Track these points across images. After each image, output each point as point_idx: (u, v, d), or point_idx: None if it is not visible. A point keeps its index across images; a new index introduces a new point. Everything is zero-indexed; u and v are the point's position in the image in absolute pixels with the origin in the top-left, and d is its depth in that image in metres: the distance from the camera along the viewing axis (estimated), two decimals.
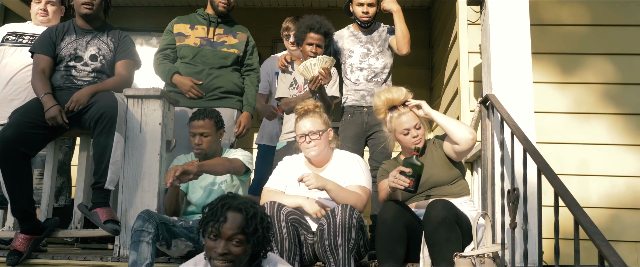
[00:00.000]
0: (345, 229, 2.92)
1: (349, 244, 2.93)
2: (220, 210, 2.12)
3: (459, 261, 2.84)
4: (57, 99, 3.45)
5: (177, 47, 4.09)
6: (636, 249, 4.25)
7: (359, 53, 4.26)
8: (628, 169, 4.34)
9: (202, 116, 3.48)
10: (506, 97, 3.38)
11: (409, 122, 3.32)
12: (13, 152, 3.26)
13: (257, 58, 4.23)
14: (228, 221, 2.11)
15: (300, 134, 3.32)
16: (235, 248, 2.10)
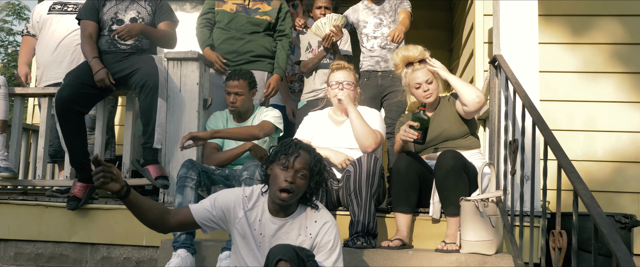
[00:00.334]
0: (370, 176, 3.29)
1: (371, 189, 3.30)
2: (294, 146, 2.49)
3: (464, 205, 3.20)
4: (104, 62, 3.83)
5: (216, 11, 4.42)
6: (638, 199, 4.54)
7: (372, 23, 4.62)
8: (633, 125, 4.60)
9: (237, 77, 3.81)
10: (513, 57, 3.67)
11: (421, 77, 3.63)
12: (69, 110, 3.68)
13: (289, 24, 4.54)
14: (300, 156, 2.47)
15: (336, 81, 3.66)
16: (299, 180, 2.45)
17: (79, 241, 3.86)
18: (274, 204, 2.52)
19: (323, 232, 2.50)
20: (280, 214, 2.54)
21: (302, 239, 2.50)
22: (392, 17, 4.59)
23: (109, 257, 3.83)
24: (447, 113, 3.69)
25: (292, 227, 2.53)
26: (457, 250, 3.22)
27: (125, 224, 3.80)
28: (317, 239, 2.50)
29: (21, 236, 3.91)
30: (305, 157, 2.49)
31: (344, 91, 3.60)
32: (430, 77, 3.63)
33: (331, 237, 2.51)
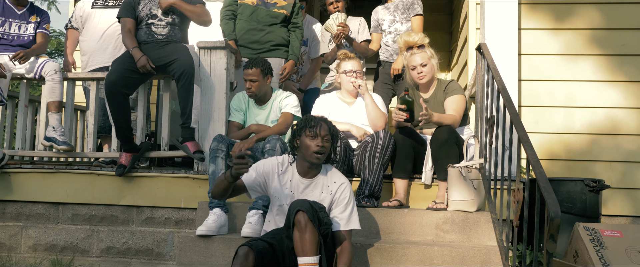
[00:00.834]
0: (384, 147, 3.96)
1: (383, 159, 3.97)
2: (316, 119, 3.19)
3: (450, 170, 3.84)
4: (143, 51, 4.46)
5: (238, 4, 5.04)
6: (610, 167, 5.15)
7: (387, 20, 5.33)
8: (607, 101, 5.19)
9: (251, 66, 4.32)
10: (495, 43, 4.30)
11: (418, 60, 4.22)
12: (116, 92, 4.34)
13: (301, 17, 5.16)
14: (323, 126, 3.16)
15: (349, 69, 4.32)
16: (326, 143, 3.15)
17: (126, 204, 4.55)
18: (303, 167, 3.21)
19: (341, 190, 3.18)
20: (307, 175, 3.23)
21: (324, 195, 3.17)
22: (404, 15, 5.25)
23: (152, 218, 4.52)
24: (441, 100, 4.26)
25: (316, 186, 3.20)
26: (445, 208, 3.87)
27: (166, 189, 4.48)
28: (336, 195, 3.17)
29: (77, 200, 4.60)
30: (326, 126, 3.19)
31: (359, 80, 4.27)
32: (425, 61, 4.22)
33: (347, 195, 3.19)
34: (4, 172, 4.65)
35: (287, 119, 4.28)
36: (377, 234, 3.77)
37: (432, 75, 4.30)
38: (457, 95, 4.12)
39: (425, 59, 4.25)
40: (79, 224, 4.60)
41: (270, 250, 2.93)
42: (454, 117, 4.06)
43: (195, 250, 3.63)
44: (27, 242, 4.63)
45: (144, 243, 4.50)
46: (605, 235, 3.69)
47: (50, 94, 4.68)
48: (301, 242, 2.83)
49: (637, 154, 5.12)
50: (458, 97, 4.11)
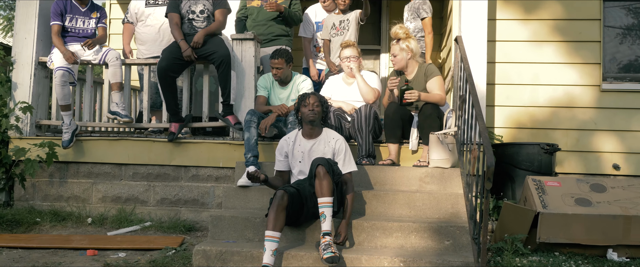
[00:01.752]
0: (367, 118, 5.10)
1: (369, 127, 5.12)
2: (304, 95, 4.44)
3: (431, 136, 4.99)
4: (187, 41, 5.57)
5: (247, 8, 6.30)
6: (567, 134, 6.29)
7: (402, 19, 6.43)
8: (566, 79, 6.31)
9: (277, 56, 5.43)
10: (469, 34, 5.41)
11: (393, 50, 5.32)
12: (166, 75, 5.47)
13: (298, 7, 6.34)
14: (311, 96, 4.40)
15: (346, 56, 5.45)
16: (317, 107, 4.38)
17: (176, 164, 5.72)
18: (306, 130, 4.47)
19: (338, 144, 4.40)
20: (311, 137, 4.46)
21: (327, 149, 4.37)
22: (413, 15, 6.37)
23: (197, 175, 5.69)
24: (422, 80, 5.34)
25: (319, 143, 4.40)
26: (427, 165, 5.03)
27: (208, 152, 5.64)
28: (335, 147, 4.39)
29: (136, 161, 5.77)
30: (314, 97, 4.45)
31: (352, 63, 5.39)
32: (396, 52, 5.30)
33: (343, 146, 4.41)
34: (77, 140, 5.83)
35: None
36: (375, 185, 4.94)
37: (404, 63, 5.33)
38: (436, 77, 5.20)
39: (397, 51, 5.33)
40: (139, 181, 5.79)
41: (297, 194, 4.10)
42: (441, 96, 5.16)
43: (236, 197, 4.81)
44: (97, 195, 5.82)
45: (191, 195, 5.69)
46: (548, 185, 4.86)
47: (113, 76, 5.82)
48: (320, 187, 4.00)
49: (589, 123, 6.26)
50: (437, 79, 5.21)
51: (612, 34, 6.40)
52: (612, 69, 6.38)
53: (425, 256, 3.96)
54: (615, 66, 6.40)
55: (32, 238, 4.98)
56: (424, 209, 4.57)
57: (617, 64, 6.40)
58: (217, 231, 4.43)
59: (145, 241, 4.90)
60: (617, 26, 6.45)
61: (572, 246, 4.59)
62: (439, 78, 5.22)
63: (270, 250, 3.83)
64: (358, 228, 4.27)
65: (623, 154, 6.19)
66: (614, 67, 6.39)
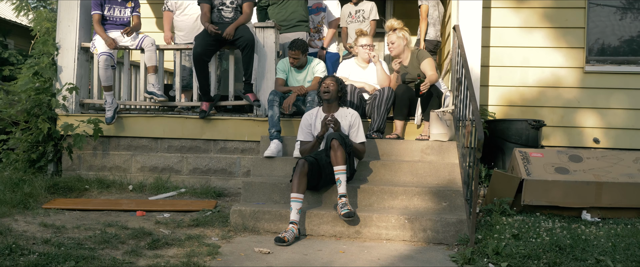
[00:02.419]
0: (387, 98, 5.87)
1: (387, 106, 5.88)
2: (325, 77, 5.22)
3: (431, 114, 5.75)
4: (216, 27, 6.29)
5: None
6: (553, 111, 7.03)
7: None
8: (552, 62, 7.04)
9: (294, 47, 6.20)
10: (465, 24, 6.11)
11: (391, 39, 6.05)
12: (201, 60, 6.20)
13: None
14: (328, 77, 5.20)
15: (364, 44, 6.19)
16: (331, 87, 5.16)
17: (206, 138, 6.48)
18: (325, 107, 5.26)
19: (353, 118, 5.18)
20: (329, 112, 5.20)
21: (344, 122, 5.16)
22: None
23: (225, 148, 6.45)
24: (416, 64, 6.06)
25: (337, 117, 5.15)
26: (428, 139, 5.80)
27: (234, 128, 6.40)
28: (351, 120, 5.17)
29: (171, 135, 6.53)
30: (329, 78, 5.25)
31: (372, 52, 6.12)
32: (394, 40, 6.02)
33: (358, 120, 5.21)
34: (118, 117, 6.58)
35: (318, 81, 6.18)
36: (382, 156, 5.70)
37: (401, 49, 6.06)
38: (428, 59, 5.94)
39: (394, 38, 6.06)
40: (173, 153, 6.55)
41: (315, 163, 4.86)
42: (435, 75, 5.91)
43: (263, 166, 5.58)
44: (136, 165, 6.60)
45: (219, 165, 6.46)
46: (532, 156, 5.62)
47: (149, 60, 6.55)
48: (335, 157, 4.76)
49: (573, 101, 6.99)
50: (429, 60, 5.94)
51: (596, 21, 7.10)
52: (594, 52, 7.09)
53: (426, 215, 4.74)
54: (597, 50, 7.10)
55: (87, 202, 5.76)
56: (425, 176, 5.34)
57: (599, 48, 7.10)
58: (249, 194, 5.20)
59: (184, 204, 5.67)
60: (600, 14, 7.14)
61: (551, 208, 5.35)
62: (430, 60, 5.94)
63: (295, 209, 4.61)
64: (369, 192, 5.04)
65: (603, 129, 6.93)
66: (597, 51, 7.10)
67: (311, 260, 4.07)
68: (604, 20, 7.08)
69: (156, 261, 3.85)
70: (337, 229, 4.73)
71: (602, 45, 7.09)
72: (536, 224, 4.93)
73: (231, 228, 4.84)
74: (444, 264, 4.07)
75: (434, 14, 7.27)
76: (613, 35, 7.09)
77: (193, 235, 4.60)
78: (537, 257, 4.03)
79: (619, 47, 7.06)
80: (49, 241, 4.13)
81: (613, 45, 7.08)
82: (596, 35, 7.09)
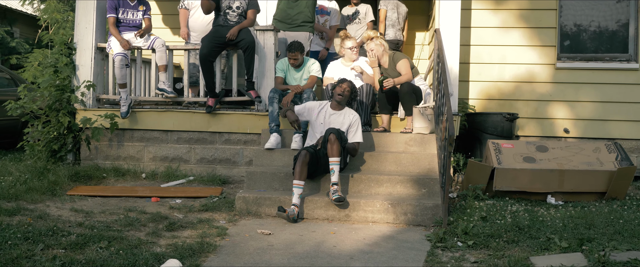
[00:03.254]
0: (368, 94, 6.54)
1: (368, 101, 6.56)
2: (341, 80, 5.92)
3: (414, 109, 6.43)
4: (221, 31, 6.92)
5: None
6: (527, 104, 7.71)
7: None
8: (527, 59, 7.70)
9: (293, 49, 6.83)
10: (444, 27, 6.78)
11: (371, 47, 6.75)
12: (207, 60, 6.86)
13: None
14: (345, 82, 5.90)
15: (348, 46, 6.83)
16: (347, 92, 5.86)
17: (212, 131, 7.15)
18: (334, 105, 5.97)
19: (354, 119, 5.88)
20: (336, 109, 5.90)
21: (345, 120, 5.86)
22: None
23: (229, 139, 7.14)
24: (393, 67, 6.72)
25: (339, 116, 5.88)
26: (411, 132, 6.49)
27: (238, 121, 7.07)
28: (351, 120, 5.86)
29: (180, 128, 7.21)
30: (347, 83, 5.95)
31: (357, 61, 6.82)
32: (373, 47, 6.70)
33: (357, 121, 5.90)
34: (132, 111, 7.25)
35: (313, 79, 6.86)
36: (370, 147, 6.39)
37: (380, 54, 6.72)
38: (402, 60, 6.63)
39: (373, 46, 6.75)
40: (182, 144, 7.23)
41: (314, 154, 5.56)
42: (408, 76, 6.58)
43: (264, 157, 6.27)
44: (148, 155, 7.28)
45: (224, 155, 7.14)
46: (503, 146, 6.31)
47: (160, 60, 7.20)
48: (331, 149, 5.45)
49: (546, 95, 7.68)
50: (403, 61, 6.63)
51: (567, 21, 7.75)
52: (565, 50, 7.74)
53: (407, 200, 5.44)
54: (568, 48, 7.76)
55: (106, 189, 6.45)
56: (408, 166, 6.04)
57: (569, 46, 7.76)
58: (252, 182, 5.89)
59: (194, 191, 6.37)
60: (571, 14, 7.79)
61: (520, 193, 6.05)
62: (404, 61, 6.64)
63: (297, 194, 5.30)
64: (358, 180, 5.74)
65: (572, 120, 7.62)
66: (567, 49, 7.75)
67: (306, 240, 4.77)
68: (574, 20, 7.74)
69: (175, 241, 4.56)
70: (329, 213, 5.43)
71: (572, 44, 7.75)
72: (504, 207, 5.63)
73: (236, 212, 5.54)
74: (419, 243, 4.77)
75: (393, 16, 7.91)
76: (582, 34, 7.75)
77: (204, 219, 5.30)
78: (499, 236, 4.73)
79: (587, 45, 7.73)
80: (82, 224, 4.83)
81: (582, 43, 7.75)
82: (567, 34, 7.74)
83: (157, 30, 8.16)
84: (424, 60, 9.37)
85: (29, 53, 14.46)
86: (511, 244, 4.60)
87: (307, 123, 6.40)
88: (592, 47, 7.72)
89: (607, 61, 7.64)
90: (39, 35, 14.50)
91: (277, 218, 5.41)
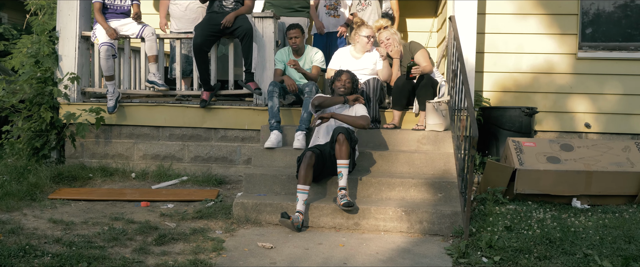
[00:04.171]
0: (375, 90, 5.98)
1: (376, 97, 6.01)
2: (339, 71, 5.45)
3: (427, 104, 5.89)
4: (217, 19, 6.36)
5: None
6: (546, 97, 7.18)
7: None
8: (546, 48, 7.15)
9: (294, 27, 6.33)
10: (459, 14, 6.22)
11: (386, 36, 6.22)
12: (201, 50, 6.30)
13: None
14: (344, 74, 5.41)
15: (365, 35, 6.26)
16: (348, 84, 5.37)
17: (207, 127, 6.61)
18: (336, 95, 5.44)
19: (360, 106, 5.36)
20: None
21: (350, 111, 5.34)
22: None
23: (225, 136, 6.60)
24: (408, 57, 6.19)
25: (344, 108, 5.35)
26: (424, 129, 5.95)
27: (235, 117, 6.53)
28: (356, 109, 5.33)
29: (172, 124, 6.66)
30: (346, 74, 5.44)
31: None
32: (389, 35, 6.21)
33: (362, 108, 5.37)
34: (120, 105, 6.70)
35: (316, 71, 6.31)
36: (380, 146, 5.86)
37: (397, 43, 6.22)
38: (421, 50, 6.13)
39: (389, 35, 6.24)
40: (174, 141, 6.69)
41: (320, 155, 5.03)
42: (430, 66, 6.05)
43: (264, 157, 5.73)
44: (138, 153, 6.74)
45: (220, 153, 6.61)
46: (525, 145, 5.79)
47: (149, 50, 6.64)
48: (340, 151, 4.91)
49: (565, 87, 7.14)
50: (422, 52, 6.13)
51: (589, 7, 7.20)
52: (587, 38, 7.20)
53: (422, 206, 4.92)
54: (590, 37, 7.22)
55: (92, 192, 5.92)
56: (421, 167, 5.51)
57: (591, 35, 7.22)
58: (250, 185, 5.36)
59: (187, 194, 5.84)
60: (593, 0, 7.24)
61: (543, 196, 5.54)
62: (423, 51, 6.12)
63: (302, 200, 4.78)
64: (367, 184, 5.21)
65: (594, 114, 7.09)
66: (589, 37, 7.21)
67: (312, 255, 4.25)
68: (596, 7, 7.18)
69: (164, 259, 4.03)
70: (336, 221, 4.91)
71: (594, 32, 7.21)
72: (528, 214, 5.11)
73: (234, 220, 5.02)
74: (439, 258, 4.26)
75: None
76: (605, 21, 7.20)
77: (197, 228, 4.77)
78: (529, 250, 4.22)
79: (611, 33, 7.18)
80: (60, 240, 4.28)
81: (605, 31, 7.20)
82: (589, 21, 7.20)
83: (148, 18, 7.55)
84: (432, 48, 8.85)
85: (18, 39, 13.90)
86: (543, 261, 4.09)
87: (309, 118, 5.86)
88: (616, 35, 7.17)
89: (632, 51, 7.10)
90: (28, 21, 13.90)
91: (279, 227, 4.89)
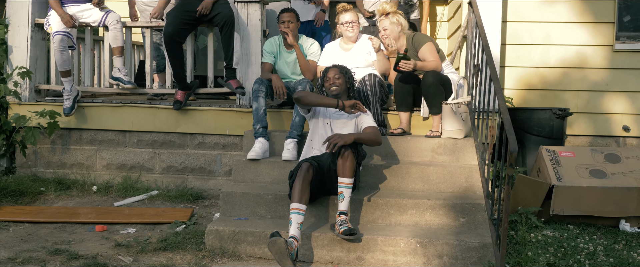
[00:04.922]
0: (373, 88, 4.96)
1: (375, 96, 4.98)
2: (326, 69, 4.42)
3: (444, 106, 4.87)
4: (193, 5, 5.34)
5: None
6: (577, 95, 6.18)
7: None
8: (577, 39, 6.15)
9: (286, 11, 5.30)
10: None
11: (384, 25, 5.10)
12: (173, 41, 5.28)
13: None
14: (330, 69, 4.45)
15: (344, 21, 5.24)
16: (337, 80, 4.37)
17: (182, 132, 5.60)
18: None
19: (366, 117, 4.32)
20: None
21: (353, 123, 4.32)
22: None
23: (203, 143, 5.59)
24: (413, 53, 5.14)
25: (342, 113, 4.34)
26: (439, 136, 4.94)
27: (214, 120, 5.52)
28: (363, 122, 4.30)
29: (141, 128, 5.65)
30: (332, 70, 4.44)
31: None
32: (387, 25, 5.08)
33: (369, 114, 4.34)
34: (79, 106, 5.68)
35: (313, 66, 5.29)
36: (387, 156, 4.86)
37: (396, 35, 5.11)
38: (426, 44, 5.02)
39: (387, 24, 5.11)
40: (144, 148, 5.68)
41: (318, 167, 4.02)
42: (437, 63, 4.99)
43: (246, 170, 4.73)
44: (101, 162, 5.73)
45: (197, 163, 5.60)
46: (562, 155, 4.80)
47: (114, 40, 5.62)
48: (343, 167, 3.90)
49: (600, 84, 6.14)
50: (428, 45, 5.02)
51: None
52: (626, 28, 6.21)
53: (441, 236, 3.92)
54: (629, 25, 6.22)
55: (39, 211, 4.91)
56: (438, 183, 4.51)
57: (631, 24, 6.22)
58: (229, 207, 4.37)
59: (154, 214, 4.84)
60: None
61: (584, 217, 4.57)
62: (429, 44, 5.02)
63: (296, 223, 3.77)
64: (372, 205, 4.21)
65: (633, 115, 6.11)
66: (628, 26, 6.22)
67: None
68: None
69: None
70: (334, 254, 3.92)
71: (634, 20, 6.21)
72: (571, 243, 4.14)
73: (206, 253, 4.01)
74: None
75: None
76: None
77: (160, 266, 3.77)
78: None
79: None
80: None
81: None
82: (628, 7, 6.20)
83: (112, 4, 6.52)
84: (442, 39, 7.85)
85: None
86: None
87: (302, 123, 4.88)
88: None
89: None
90: None
91: (262, 261, 3.89)
